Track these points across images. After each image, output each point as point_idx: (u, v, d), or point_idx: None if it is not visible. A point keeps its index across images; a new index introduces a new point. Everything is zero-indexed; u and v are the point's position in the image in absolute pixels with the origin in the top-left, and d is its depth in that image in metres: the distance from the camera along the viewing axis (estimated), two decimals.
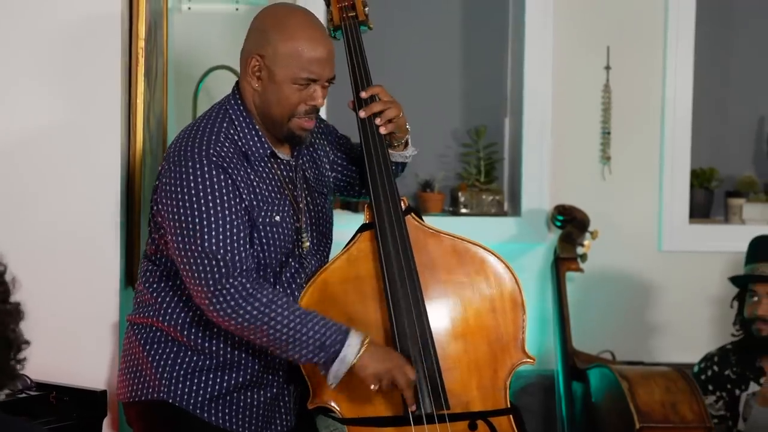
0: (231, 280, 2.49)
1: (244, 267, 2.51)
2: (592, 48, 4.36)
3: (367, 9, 2.76)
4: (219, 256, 2.48)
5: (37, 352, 2.96)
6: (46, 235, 3.00)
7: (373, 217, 2.64)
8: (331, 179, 2.84)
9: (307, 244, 2.68)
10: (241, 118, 2.61)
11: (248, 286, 2.50)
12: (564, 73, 4.35)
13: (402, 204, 2.67)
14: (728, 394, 3.68)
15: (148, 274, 2.69)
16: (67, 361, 2.96)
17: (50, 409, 2.79)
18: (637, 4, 4.37)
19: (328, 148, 2.84)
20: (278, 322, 2.49)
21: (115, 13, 2.99)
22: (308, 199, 2.72)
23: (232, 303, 2.49)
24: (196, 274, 2.50)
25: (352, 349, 2.49)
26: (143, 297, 2.69)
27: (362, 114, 2.68)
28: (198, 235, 2.49)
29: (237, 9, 4.09)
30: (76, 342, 3.00)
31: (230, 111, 2.63)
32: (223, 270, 2.48)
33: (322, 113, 4.26)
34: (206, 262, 2.49)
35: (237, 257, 2.50)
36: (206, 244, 2.48)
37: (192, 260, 2.50)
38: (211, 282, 2.49)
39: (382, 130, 2.68)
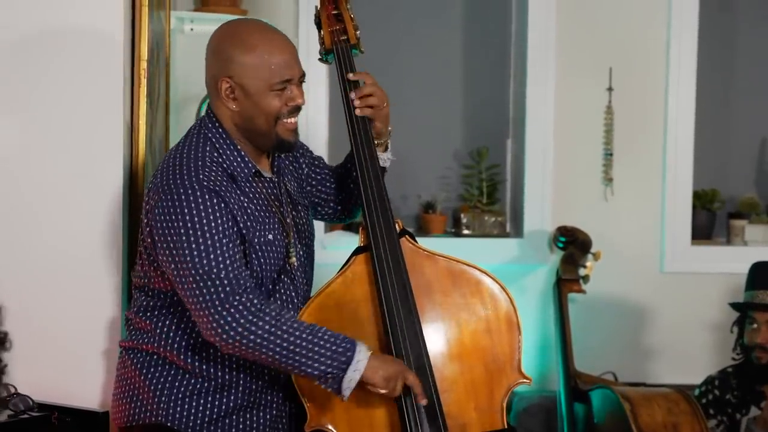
0: (238, 298, 2.46)
1: (247, 285, 2.49)
2: (595, 69, 4.36)
3: (358, 33, 2.76)
4: (222, 276, 2.46)
5: (39, 373, 3.00)
6: (47, 257, 3.01)
7: (368, 239, 2.63)
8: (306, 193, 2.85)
9: (294, 259, 2.68)
10: (221, 140, 2.61)
11: (255, 301, 2.47)
12: (566, 94, 4.36)
13: (397, 227, 2.66)
14: (729, 419, 3.66)
15: (140, 303, 2.68)
16: (68, 382, 2.98)
17: (52, 429, 2.80)
18: (639, 25, 4.38)
19: (301, 160, 2.85)
20: (291, 334, 2.46)
21: (118, 34, 3.01)
22: (293, 213, 2.72)
23: (242, 321, 2.46)
24: (200, 299, 2.47)
25: (363, 356, 2.48)
26: (137, 324, 2.68)
27: (353, 96, 2.69)
28: (197, 260, 2.46)
29: None
30: (77, 363, 3.01)
31: (209, 135, 2.61)
32: (228, 289, 2.46)
33: (325, 125, 4.28)
34: (209, 284, 2.46)
35: (240, 276, 2.48)
36: (207, 268, 2.46)
37: (195, 286, 2.47)
38: (217, 303, 2.46)
39: (358, 112, 2.69)
